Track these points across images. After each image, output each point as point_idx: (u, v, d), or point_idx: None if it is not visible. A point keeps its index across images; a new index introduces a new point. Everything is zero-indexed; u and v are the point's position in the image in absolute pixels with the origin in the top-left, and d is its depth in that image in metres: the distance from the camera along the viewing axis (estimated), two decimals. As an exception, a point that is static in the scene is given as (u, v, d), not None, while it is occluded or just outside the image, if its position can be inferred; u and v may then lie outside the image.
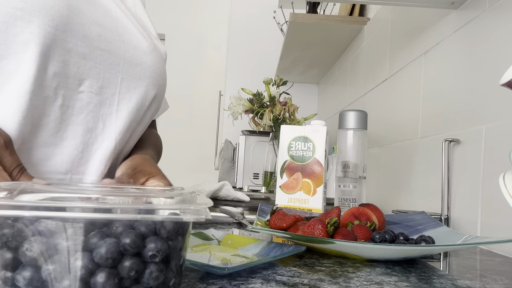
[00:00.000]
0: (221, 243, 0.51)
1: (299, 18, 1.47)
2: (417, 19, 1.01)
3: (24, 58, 0.47)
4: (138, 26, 0.62)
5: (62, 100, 0.51)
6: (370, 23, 1.42)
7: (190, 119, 3.43)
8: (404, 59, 1.06)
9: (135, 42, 0.59)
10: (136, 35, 0.60)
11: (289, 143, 0.81)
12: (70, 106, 0.52)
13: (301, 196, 0.79)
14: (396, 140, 1.08)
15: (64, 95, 0.51)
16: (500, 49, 0.67)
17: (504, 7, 0.67)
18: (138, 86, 0.59)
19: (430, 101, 0.91)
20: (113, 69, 0.56)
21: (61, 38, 0.49)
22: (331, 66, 2.01)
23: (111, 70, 0.56)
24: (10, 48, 0.46)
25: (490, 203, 0.66)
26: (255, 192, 1.44)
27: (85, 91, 0.53)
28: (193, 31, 3.45)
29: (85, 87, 0.53)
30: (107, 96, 0.56)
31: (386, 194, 1.12)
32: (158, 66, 0.62)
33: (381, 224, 0.59)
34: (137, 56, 0.59)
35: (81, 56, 0.52)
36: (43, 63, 0.48)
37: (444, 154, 0.79)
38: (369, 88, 1.34)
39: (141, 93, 0.60)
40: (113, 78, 0.56)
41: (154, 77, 0.62)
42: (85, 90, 0.53)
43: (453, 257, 0.55)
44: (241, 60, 2.48)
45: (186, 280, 0.36)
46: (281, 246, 0.47)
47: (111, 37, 0.55)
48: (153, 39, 0.65)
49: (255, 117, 1.66)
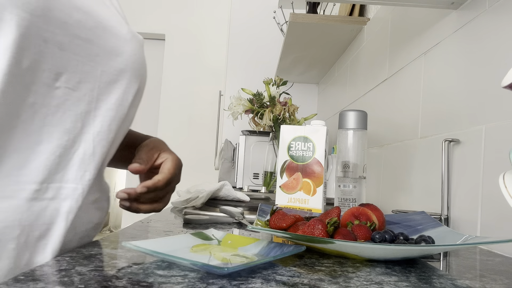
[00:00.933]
0: (221, 243, 0.51)
1: (299, 18, 1.47)
2: (417, 19, 1.01)
3: None
4: (113, 8, 0.56)
5: (34, 97, 0.44)
6: (370, 23, 1.42)
7: (190, 119, 3.43)
8: (404, 59, 1.07)
9: (115, 28, 0.52)
10: (115, 20, 0.53)
11: (289, 143, 0.81)
12: (44, 105, 0.45)
13: (301, 196, 0.79)
14: (396, 140, 1.08)
15: (37, 92, 0.44)
16: (500, 49, 0.67)
17: (504, 7, 0.67)
18: (119, 80, 0.53)
19: (430, 101, 0.91)
20: (92, 61, 0.49)
21: (37, 26, 0.42)
22: (331, 66, 2.01)
23: (91, 62, 0.49)
24: None
25: (490, 203, 0.66)
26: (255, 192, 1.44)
27: (62, 86, 0.47)
28: (193, 31, 3.45)
29: (62, 82, 0.47)
30: (85, 92, 0.49)
31: (386, 194, 1.12)
32: (139, 56, 0.56)
33: (381, 224, 0.59)
34: (118, 45, 0.53)
35: (58, 47, 0.45)
36: (16, 56, 0.41)
37: (444, 154, 0.79)
38: (369, 88, 1.34)
39: (122, 87, 0.54)
40: (93, 71, 0.50)
41: (136, 68, 0.55)
42: (62, 86, 0.47)
43: (453, 257, 0.55)
44: (241, 60, 2.48)
45: (186, 280, 0.36)
46: (281, 246, 0.47)
47: (91, 23, 0.49)
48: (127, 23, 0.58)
49: (255, 117, 1.66)
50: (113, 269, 0.39)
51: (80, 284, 0.33)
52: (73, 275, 0.36)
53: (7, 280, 0.33)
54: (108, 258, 0.43)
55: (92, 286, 0.33)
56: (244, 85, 2.16)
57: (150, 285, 0.34)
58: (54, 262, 0.40)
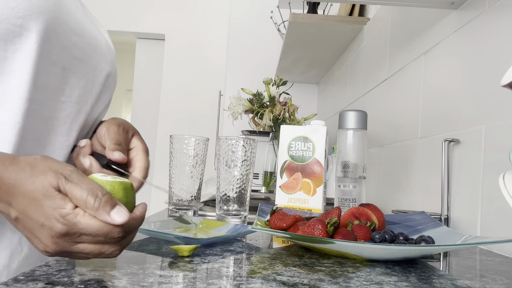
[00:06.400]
0: (197, 226, 0.65)
1: (299, 18, 1.47)
2: (417, 19, 1.01)
3: (20, 74, 0.47)
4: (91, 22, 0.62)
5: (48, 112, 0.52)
6: (370, 23, 1.42)
7: (190, 119, 3.43)
8: (404, 59, 1.07)
9: (99, 48, 0.60)
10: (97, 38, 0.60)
11: (289, 143, 0.81)
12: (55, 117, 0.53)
13: (301, 196, 0.79)
14: (396, 140, 1.08)
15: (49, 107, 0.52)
16: (500, 49, 0.67)
17: (504, 7, 0.67)
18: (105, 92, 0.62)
19: (430, 101, 0.91)
20: (84, 77, 0.56)
21: (47, 50, 0.49)
22: (331, 66, 2.01)
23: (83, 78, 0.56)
24: (10, 65, 0.46)
25: (490, 203, 0.66)
26: (255, 192, 1.44)
27: (66, 101, 0.54)
28: (193, 31, 3.45)
29: (66, 97, 0.54)
30: (83, 105, 0.57)
31: (386, 194, 1.12)
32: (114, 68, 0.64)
33: (381, 224, 0.59)
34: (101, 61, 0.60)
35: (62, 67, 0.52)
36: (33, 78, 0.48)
37: (444, 154, 0.79)
38: (369, 88, 1.34)
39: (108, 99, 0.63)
40: (86, 86, 0.57)
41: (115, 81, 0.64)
42: (66, 100, 0.54)
43: (453, 257, 0.55)
44: (241, 60, 2.48)
45: (186, 280, 0.36)
46: (243, 227, 0.62)
47: (85, 45, 0.56)
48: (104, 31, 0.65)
49: (255, 117, 1.66)
50: (113, 269, 0.39)
51: (80, 284, 0.33)
52: (73, 275, 0.36)
53: (7, 280, 0.33)
54: (108, 258, 0.43)
55: (92, 286, 0.33)
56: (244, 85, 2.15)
57: (150, 285, 0.34)
58: (54, 262, 0.40)
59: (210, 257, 0.46)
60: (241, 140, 0.73)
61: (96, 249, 0.36)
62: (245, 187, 0.73)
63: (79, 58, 0.55)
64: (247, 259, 0.47)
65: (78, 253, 0.36)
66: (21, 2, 0.45)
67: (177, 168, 0.76)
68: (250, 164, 0.74)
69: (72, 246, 0.36)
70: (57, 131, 0.54)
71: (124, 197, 0.39)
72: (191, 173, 0.76)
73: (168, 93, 3.44)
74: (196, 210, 0.78)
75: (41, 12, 0.47)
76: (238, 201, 0.73)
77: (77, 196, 0.36)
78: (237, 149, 0.73)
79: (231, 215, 0.73)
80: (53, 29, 0.49)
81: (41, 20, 0.47)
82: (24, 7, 0.45)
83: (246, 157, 0.73)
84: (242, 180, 0.73)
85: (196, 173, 0.77)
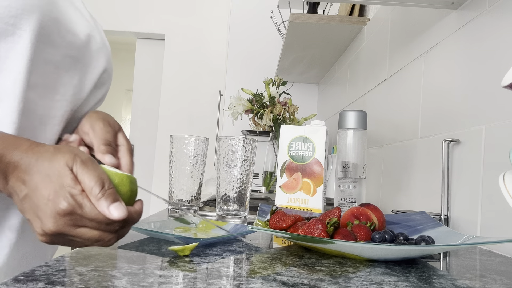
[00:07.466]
0: (197, 226, 0.66)
1: (299, 18, 1.47)
2: (417, 19, 1.01)
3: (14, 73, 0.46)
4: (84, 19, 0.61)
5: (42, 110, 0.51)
6: (370, 23, 1.42)
7: (190, 119, 3.43)
8: (404, 59, 1.07)
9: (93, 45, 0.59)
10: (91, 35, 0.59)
11: (289, 143, 0.81)
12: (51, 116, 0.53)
13: (301, 196, 0.79)
14: (396, 140, 1.08)
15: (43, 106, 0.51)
16: (500, 49, 0.67)
17: (504, 7, 0.67)
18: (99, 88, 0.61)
19: (430, 101, 0.91)
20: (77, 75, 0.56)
21: (41, 49, 0.49)
22: (331, 66, 2.01)
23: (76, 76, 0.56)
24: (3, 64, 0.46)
25: (490, 203, 0.66)
26: (255, 192, 1.44)
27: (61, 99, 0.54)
28: (193, 31, 3.45)
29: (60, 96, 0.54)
30: (76, 103, 0.57)
31: (386, 194, 1.12)
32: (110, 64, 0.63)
33: (381, 224, 0.59)
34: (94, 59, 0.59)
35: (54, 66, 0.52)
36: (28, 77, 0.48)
37: (444, 154, 0.79)
38: (369, 88, 1.34)
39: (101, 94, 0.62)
40: (80, 84, 0.57)
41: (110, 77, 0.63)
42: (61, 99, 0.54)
43: (453, 257, 0.55)
44: (241, 60, 2.48)
45: (186, 280, 0.36)
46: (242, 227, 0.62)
47: (78, 43, 0.55)
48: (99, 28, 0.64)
49: (255, 117, 1.66)
50: (113, 269, 0.39)
51: (80, 284, 0.33)
52: (73, 275, 0.36)
53: (7, 280, 0.33)
54: (108, 258, 0.43)
55: (92, 286, 0.33)
56: (244, 85, 2.15)
57: (150, 285, 0.34)
58: (54, 262, 0.40)
59: (210, 257, 0.46)
60: (241, 140, 0.73)
61: (96, 235, 0.38)
62: (245, 187, 0.73)
63: (72, 56, 0.54)
64: (247, 259, 0.47)
65: (76, 237, 0.37)
66: (13, 1, 0.45)
67: (177, 168, 0.76)
68: (250, 164, 0.74)
69: (72, 229, 0.37)
70: (54, 129, 0.54)
71: (129, 190, 0.42)
72: (191, 173, 0.76)
73: (168, 93, 3.44)
74: (196, 210, 0.78)
75: (34, 11, 0.47)
76: (238, 201, 0.73)
77: (86, 181, 0.37)
78: (237, 149, 0.73)
79: (231, 215, 0.73)
80: (46, 27, 0.49)
81: (34, 18, 0.47)
82: (17, 6, 0.45)
83: (246, 157, 0.73)
84: (242, 180, 0.73)
85: (196, 173, 0.77)
